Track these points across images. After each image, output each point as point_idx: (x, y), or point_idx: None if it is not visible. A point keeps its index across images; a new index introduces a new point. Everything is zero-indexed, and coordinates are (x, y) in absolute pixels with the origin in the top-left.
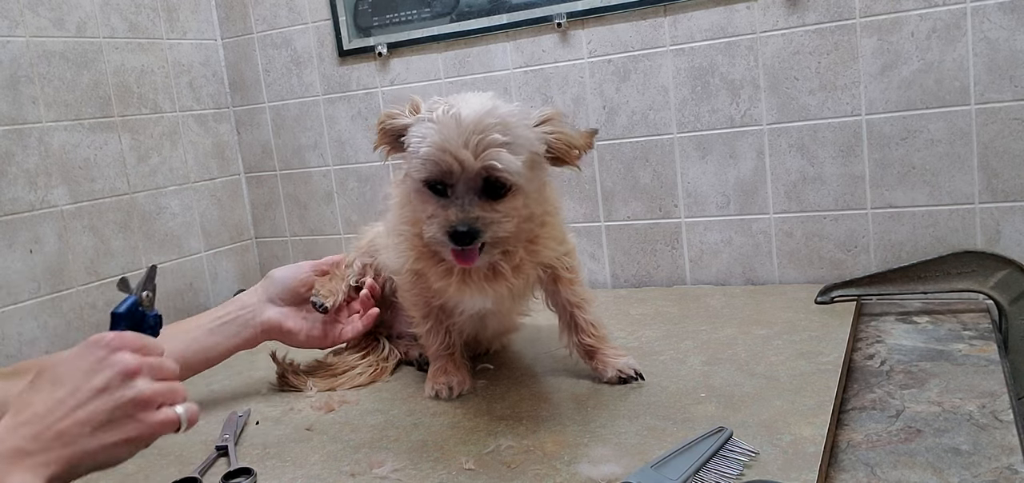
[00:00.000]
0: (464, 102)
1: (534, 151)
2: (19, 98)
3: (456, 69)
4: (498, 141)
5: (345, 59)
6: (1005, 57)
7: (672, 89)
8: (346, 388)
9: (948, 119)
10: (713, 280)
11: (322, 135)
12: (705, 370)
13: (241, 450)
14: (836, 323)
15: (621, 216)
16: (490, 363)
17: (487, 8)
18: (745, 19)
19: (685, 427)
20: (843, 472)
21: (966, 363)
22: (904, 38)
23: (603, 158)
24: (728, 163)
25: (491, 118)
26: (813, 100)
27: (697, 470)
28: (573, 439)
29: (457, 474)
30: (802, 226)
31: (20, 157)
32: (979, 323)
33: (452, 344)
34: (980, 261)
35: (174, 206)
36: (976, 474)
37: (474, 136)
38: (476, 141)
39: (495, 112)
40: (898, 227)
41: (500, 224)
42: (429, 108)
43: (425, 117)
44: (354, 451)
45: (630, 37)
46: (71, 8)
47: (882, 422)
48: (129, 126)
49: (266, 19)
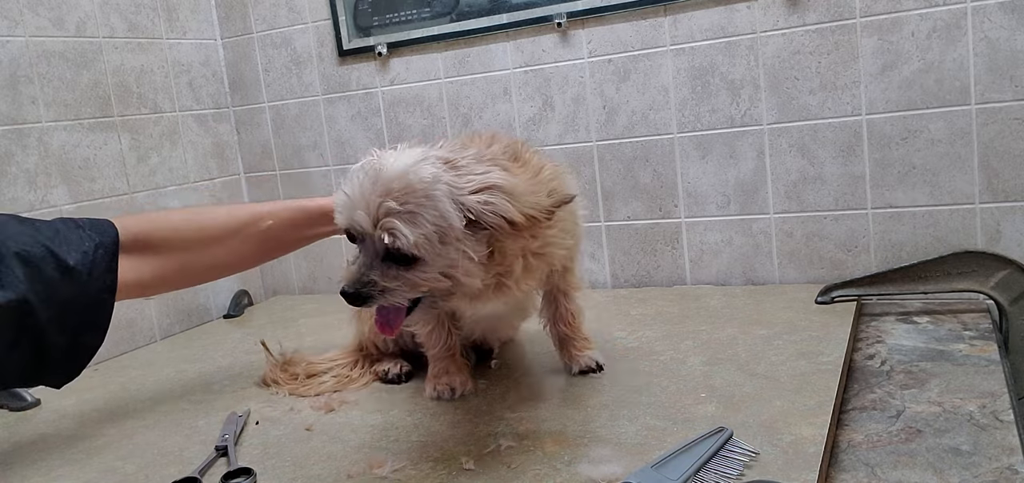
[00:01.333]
0: (390, 159)
1: (448, 225)
2: (19, 98)
3: (456, 69)
4: (394, 210)
5: (345, 59)
6: (1005, 57)
7: (672, 89)
8: (311, 394)
9: (948, 119)
10: (713, 280)
11: (322, 135)
12: (705, 370)
13: (241, 450)
14: (836, 323)
15: (621, 216)
16: (494, 361)
17: (487, 8)
18: (745, 19)
19: (685, 427)
20: (843, 472)
21: (966, 363)
22: (904, 38)
23: (603, 158)
24: (728, 163)
25: (399, 183)
26: (813, 100)
27: (697, 470)
28: (573, 439)
29: (457, 474)
30: (802, 226)
31: (20, 157)
32: (979, 323)
33: (453, 345)
34: (980, 261)
35: (174, 206)
36: (976, 474)
37: (375, 199)
38: (376, 205)
39: (408, 176)
40: (898, 227)
41: (400, 292)
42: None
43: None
44: (354, 451)
45: (630, 37)
46: (71, 8)
47: (882, 422)
48: (129, 126)
49: (266, 19)
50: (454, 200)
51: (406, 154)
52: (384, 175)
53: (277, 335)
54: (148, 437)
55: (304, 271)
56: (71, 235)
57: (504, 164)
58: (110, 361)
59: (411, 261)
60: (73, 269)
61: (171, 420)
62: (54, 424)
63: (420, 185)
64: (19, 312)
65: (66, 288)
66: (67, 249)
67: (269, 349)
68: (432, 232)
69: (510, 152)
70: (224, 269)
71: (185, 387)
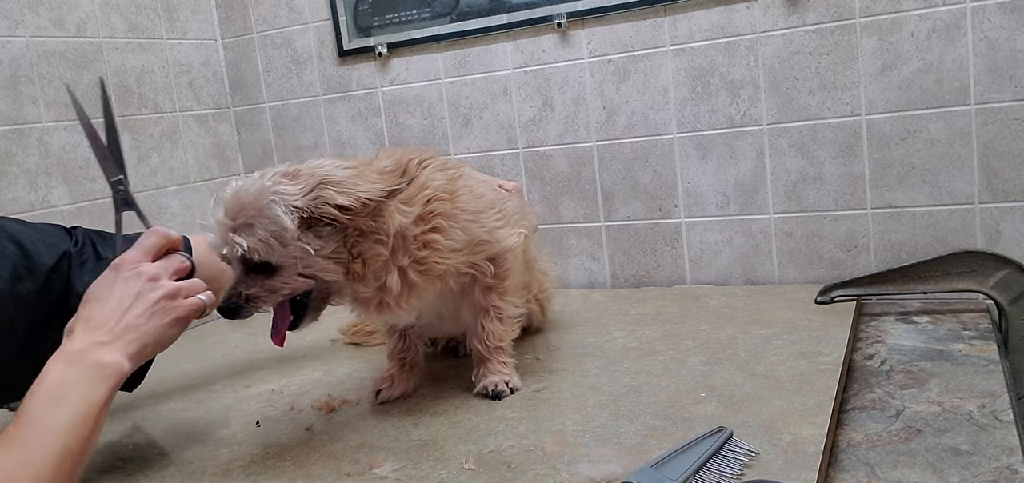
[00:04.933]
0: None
1: (281, 227)
2: (19, 98)
3: (456, 69)
4: (230, 226)
5: (345, 59)
6: (1005, 57)
7: (672, 89)
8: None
9: (948, 119)
10: (713, 280)
11: (322, 135)
12: (705, 370)
13: (241, 450)
14: (836, 323)
15: (621, 216)
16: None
17: (487, 8)
18: (745, 19)
19: (685, 427)
20: (843, 472)
21: (966, 363)
22: (904, 38)
23: (603, 158)
24: (728, 163)
25: (232, 202)
26: (813, 100)
27: (697, 470)
28: (573, 439)
29: (457, 474)
30: (802, 226)
31: (20, 157)
32: (979, 323)
33: (406, 351)
34: (980, 261)
35: (174, 206)
36: (976, 474)
37: (217, 222)
38: (220, 226)
39: (239, 195)
40: (898, 227)
41: (265, 298)
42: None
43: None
44: (354, 451)
45: (630, 37)
46: (71, 8)
47: (882, 422)
48: (129, 126)
49: (266, 19)
50: (284, 204)
51: (245, 179)
52: (221, 200)
53: None
54: (148, 437)
55: None
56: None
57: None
58: None
59: (270, 270)
60: None
61: (172, 420)
62: None
63: (248, 199)
64: None
65: None
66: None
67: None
68: (268, 236)
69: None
70: None
71: (186, 387)
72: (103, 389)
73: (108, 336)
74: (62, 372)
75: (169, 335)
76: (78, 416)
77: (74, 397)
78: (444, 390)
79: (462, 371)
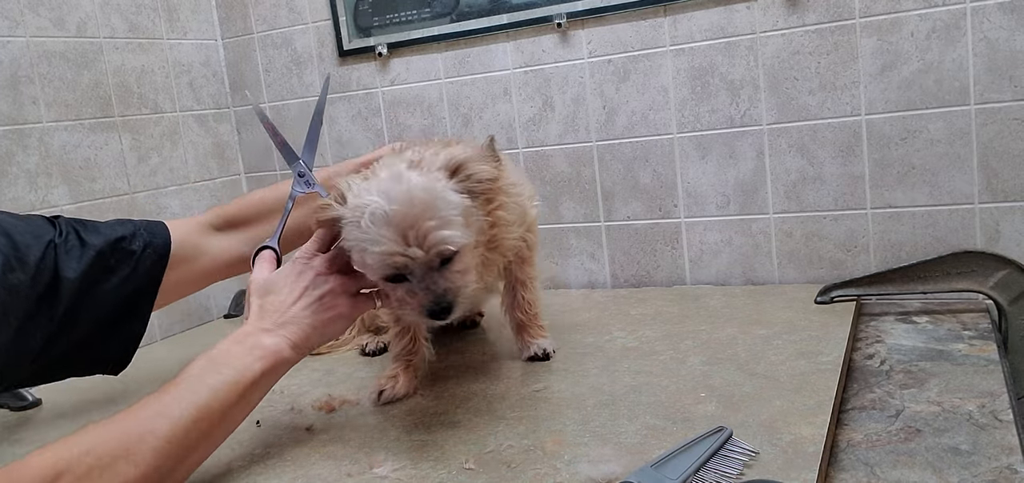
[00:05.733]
0: (382, 193)
1: (464, 208)
2: (19, 98)
3: (456, 69)
4: (434, 227)
5: (345, 59)
6: (1005, 57)
7: (672, 89)
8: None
9: (948, 119)
10: (713, 280)
11: (322, 135)
12: (705, 370)
13: (240, 451)
14: (836, 323)
15: (621, 216)
16: (494, 363)
17: (487, 8)
18: (745, 19)
19: (685, 427)
20: (843, 472)
21: (966, 363)
22: (904, 38)
23: (603, 158)
24: (728, 163)
25: (417, 207)
26: (813, 100)
27: (697, 470)
28: (573, 439)
29: (457, 474)
30: (802, 226)
31: (20, 157)
32: (979, 323)
33: (412, 353)
34: (980, 261)
35: (174, 206)
36: (976, 474)
37: (411, 232)
38: (415, 235)
39: (416, 198)
40: (898, 227)
41: (466, 284)
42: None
43: (352, 219)
44: (354, 451)
45: (630, 37)
46: (71, 8)
47: (882, 422)
48: (129, 126)
49: (266, 19)
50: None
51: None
52: (400, 210)
53: None
54: None
55: None
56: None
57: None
58: None
59: (454, 256)
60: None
61: None
62: (54, 423)
63: (425, 195)
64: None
65: None
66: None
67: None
68: (462, 219)
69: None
70: (301, 232)
71: None
72: (257, 366)
73: (273, 324)
74: (226, 346)
75: (333, 330)
76: (227, 381)
77: (227, 367)
78: (444, 390)
79: (463, 371)
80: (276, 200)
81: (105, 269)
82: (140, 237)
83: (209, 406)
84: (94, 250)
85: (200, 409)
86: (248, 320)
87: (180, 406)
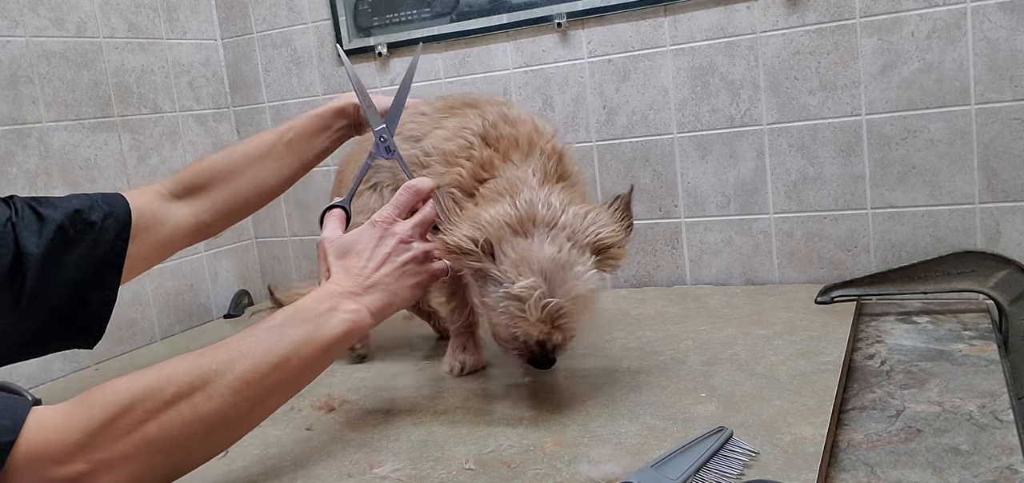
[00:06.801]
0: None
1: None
2: (19, 98)
3: (456, 69)
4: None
5: None
6: (1005, 57)
7: (672, 89)
8: None
9: (948, 119)
10: (713, 280)
11: None
12: (705, 370)
13: (240, 451)
14: (836, 323)
15: None
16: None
17: (487, 8)
18: (745, 19)
19: (685, 427)
20: (843, 472)
21: (966, 363)
22: (904, 38)
23: (603, 158)
24: (728, 163)
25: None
26: (813, 100)
27: (697, 470)
28: (573, 439)
29: (457, 474)
30: (802, 226)
31: (20, 157)
32: (979, 323)
33: (473, 321)
34: (980, 261)
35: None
36: (976, 474)
37: (562, 320)
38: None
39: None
40: (898, 227)
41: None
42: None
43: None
44: (354, 451)
45: (630, 37)
46: (71, 8)
47: (882, 422)
48: (129, 126)
49: (266, 19)
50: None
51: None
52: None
53: None
54: None
55: (304, 271)
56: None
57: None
58: (111, 361)
59: None
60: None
61: None
62: None
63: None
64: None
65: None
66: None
67: None
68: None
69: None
70: (268, 190)
71: None
72: (339, 328)
73: (358, 288)
74: (313, 301)
75: (411, 296)
76: (309, 337)
77: (311, 324)
78: (444, 390)
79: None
80: (229, 163)
81: (66, 241)
82: (99, 208)
83: (289, 357)
84: (54, 224)
85: (280, 357)
86: (330, 279)
87: (261, 350)
